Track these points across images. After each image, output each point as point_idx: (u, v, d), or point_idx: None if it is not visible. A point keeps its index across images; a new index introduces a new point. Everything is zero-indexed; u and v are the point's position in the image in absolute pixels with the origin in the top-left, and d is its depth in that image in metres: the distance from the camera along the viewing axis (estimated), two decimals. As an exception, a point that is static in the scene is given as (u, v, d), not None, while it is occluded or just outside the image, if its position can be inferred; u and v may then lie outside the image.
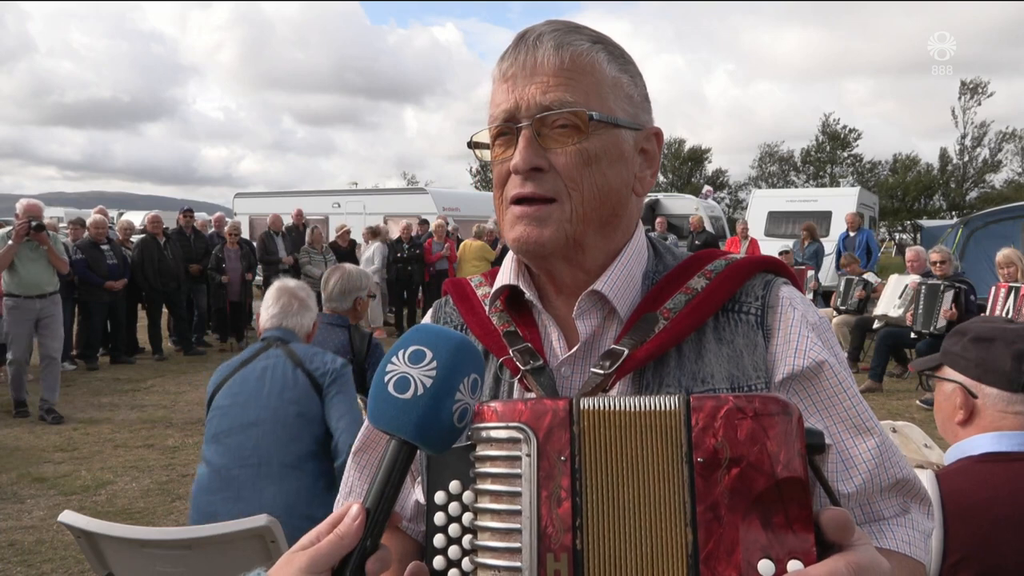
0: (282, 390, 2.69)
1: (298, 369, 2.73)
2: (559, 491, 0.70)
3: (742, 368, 0.94)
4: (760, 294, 0.98)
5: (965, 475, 1.64)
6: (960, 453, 1.71)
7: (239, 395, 2.71)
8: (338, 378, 2.74)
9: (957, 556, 1.53)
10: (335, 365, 2.78)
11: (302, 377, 2.71)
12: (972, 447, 1.69)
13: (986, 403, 1.70)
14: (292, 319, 2.96)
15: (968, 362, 1.74)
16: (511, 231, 0.96)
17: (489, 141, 0.99)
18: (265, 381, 2.71)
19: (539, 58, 0.94)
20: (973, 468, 1.65)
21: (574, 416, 0.72)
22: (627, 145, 0.97)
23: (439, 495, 0.79)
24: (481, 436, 0.74)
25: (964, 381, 1.74)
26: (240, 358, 2.86)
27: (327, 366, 2.76)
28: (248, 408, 2.67)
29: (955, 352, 1.78)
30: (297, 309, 2.99)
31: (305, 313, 3.02)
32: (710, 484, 0.67)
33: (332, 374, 2.73)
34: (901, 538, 0.95)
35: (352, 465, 1.17)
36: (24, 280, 6.84)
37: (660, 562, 0.68)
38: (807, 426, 0.70)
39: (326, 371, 2.73)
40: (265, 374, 2.73)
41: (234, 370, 2.80)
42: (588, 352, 0.99)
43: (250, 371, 2.77)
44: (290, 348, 2.82)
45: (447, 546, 0.78)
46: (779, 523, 0.66)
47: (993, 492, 1.58)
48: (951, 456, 1.75)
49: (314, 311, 3.08)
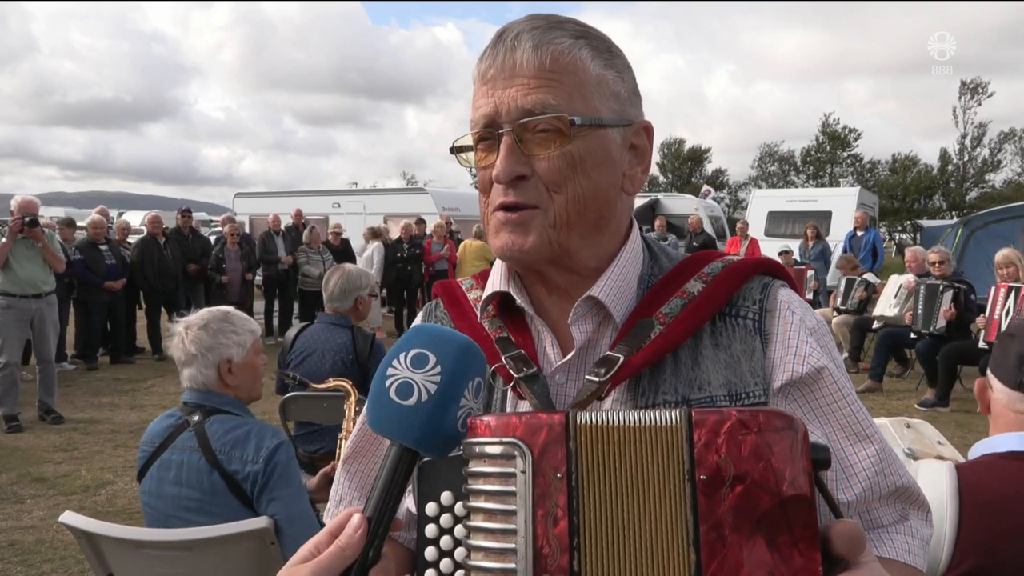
0: (200, 503, 2.20)
1: (214, 471, 2.18)
2: (555, 510, 0.67)
3: (740, 374, 0.92)
4: (758, 297, 0.96)
5: (986, 469, 1.65)
6: (985, 448, 1.72)
7: (160, 498, 2.25)
8: (267, 482, 2.17)
9: (968, 549, 1.52)
10: (257, 465, 2.17)
11: (220, 483, 2.18)
12: (998, 444, 1.69)
13: (995, 397, 1.74)
14: (206, 369, 2.31)
15: (993, 356, 1.79)
16: (495, 238, 0.94)
17: (472, 145, 0.96)
18: (181, 485, 2.21)
19: (518, 59, 0.90)
20: (996, 463, 1.66)
21: (570, 431, 0.69)
22: (614, 144, 0.94)
23: (430, 506, 0.77)
24: (474, 451, 0.71)
25: (989, 373, 1.79)
26: (159, 433, 2.32)
27: (247, 468, 2.17)
28: (171, 519, 2.23)
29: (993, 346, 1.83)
30: (211, 343, 2.31)
31: (228, 336, 2.35)
32: (713, 503, 0.65)
33: (254, 479, 2.17)
34: (900, 546, 0.94)
35: (342, 473, 1.15)
36: (19, 278, 6.71)
37: None
38: (812, 441, 0.67)
39: (246, 475, 2.17)
40: (180, 476, 2.22)
41: (153, 454, 2.29)
42: (583, 359, 0.97)
43: (166, 464, 2.25)
44: (206, 433, 2.22)
45: (439, 559, 0.75)
46: (784, 543, 0.64)
47: (1013, 489, 1.58)
48: (977, 451, 1.76)
49: (242, 329, 2.40)
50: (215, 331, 2.33)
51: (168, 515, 2.24)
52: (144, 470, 2.31)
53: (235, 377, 2.35)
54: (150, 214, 10.86)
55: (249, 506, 2.19)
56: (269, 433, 2.26)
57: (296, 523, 2.15)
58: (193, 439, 2.23)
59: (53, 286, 7.09)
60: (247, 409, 2.42)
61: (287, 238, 12.26)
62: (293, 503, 2.17)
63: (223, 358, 2.32)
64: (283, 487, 2.18)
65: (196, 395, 2.33)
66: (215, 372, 2.32)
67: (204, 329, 2.33)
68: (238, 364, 2.35)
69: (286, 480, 2.20)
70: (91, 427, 6.86)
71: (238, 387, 2.38)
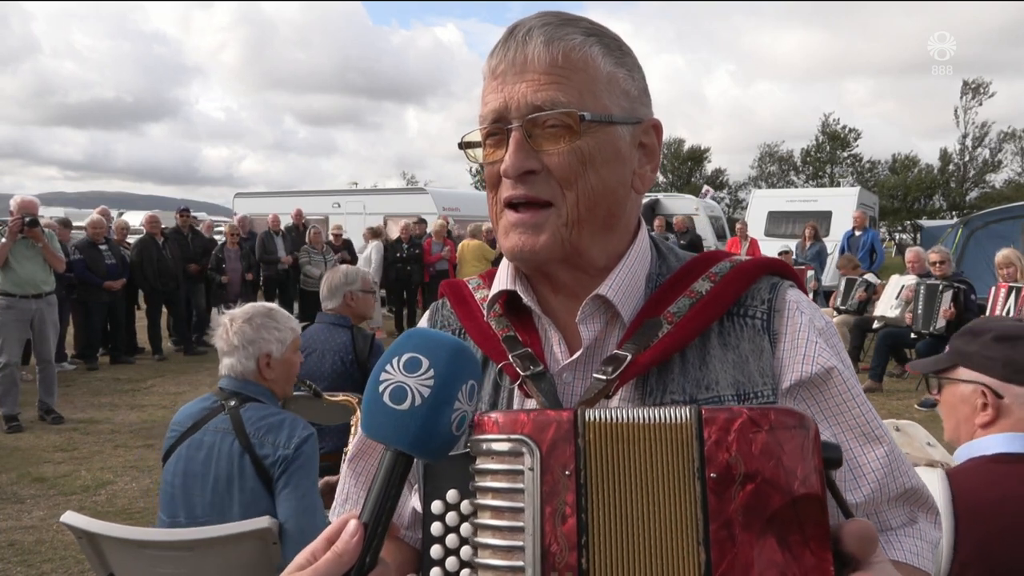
0: (228, 485, 2.26)
1: (245, 455, 2.25)
2: (563, 507, 0.66)
3: (748, 374, 0.91)
4: (766, 297, 0.95)
5: (977, 474, 1.63)
6: (972, 452, 1.70)
7: (185, 479, 2.31)
8: (290, 467, 2.24)
9: (967, 555, 1.51)
10: (288, 451, 2.25)
11: (249, 467, 2.24)
12: (985, 447, 1.67)
13: (1014, 403, 1.67)
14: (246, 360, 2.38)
15: (993, 361, 1.70)
16: (506, 240, 0.93)
17: (480, 140, 0.96)
18: (211, 466, 2.28)
19: (529, 54, 0.89)
20: (986, 468, 1.63)
21: (579, 428, 0.68)
22: (623, 142, 0.93)
23: (436, 504, 0.76)
24: (481, 448, 0.71)
25: (988, 381, 1.71)
26: (192, 415, 2.40)
27: (278, 452, 2.24)
28: (193, 499, 2.28)
29: (974, 352, 1.74)
30: (253, 336, 2.40)
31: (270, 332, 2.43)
32: (723, 501, 0.64)
33: (282, 463, 2.23)
34: (909, 549, 0.93)
35: (348, 472, 1.15)
36: (20, 278, 6.71)
37: None
38: (823, 440, 0.67)
39: (276, 459, 2.24)
40: (211, 457, 2.29)
41: (184, 434, 2.36)
42: (590, 357, 0.96)
43: (196, 444, 2.32)
44: (241, 418, 2.30)
45: (444, 557, 0.75)
46: (796, 542, 0.63)
47: (1005, 492, 1.56)
48: (961, 455, 1.73)
49: (284, 326, 2.49)
50: (258, 325, 2.42)
51: (192, 494, 2.28)
52: (171, 451, 2.36)
53: (272, 371, 2.44)
54: (148, 214, 10.86)
55: (270, 490, 2.25)
56: (301, 424, 2.33)
57: (305, 512, 2.20)
58: (228, 422, 2.31)
59: (53, 286, 7.08)
60: (278, 403, 2.48)
61: (287, 238, 12.27)
62: (308, 493, 2.24)
63: (263, 352, 2.41)
64: (303, 477, 2.24)
65: (233, 383, 2.40)
66: (254, 364, 2.41)
67: (248, 323, 2.42)
68: (277, 359, 2.44)
69: (306, 471, 2.26)
70: (91, 427, 6.85)
71: (274, 381, 2.46)
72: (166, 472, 2.36)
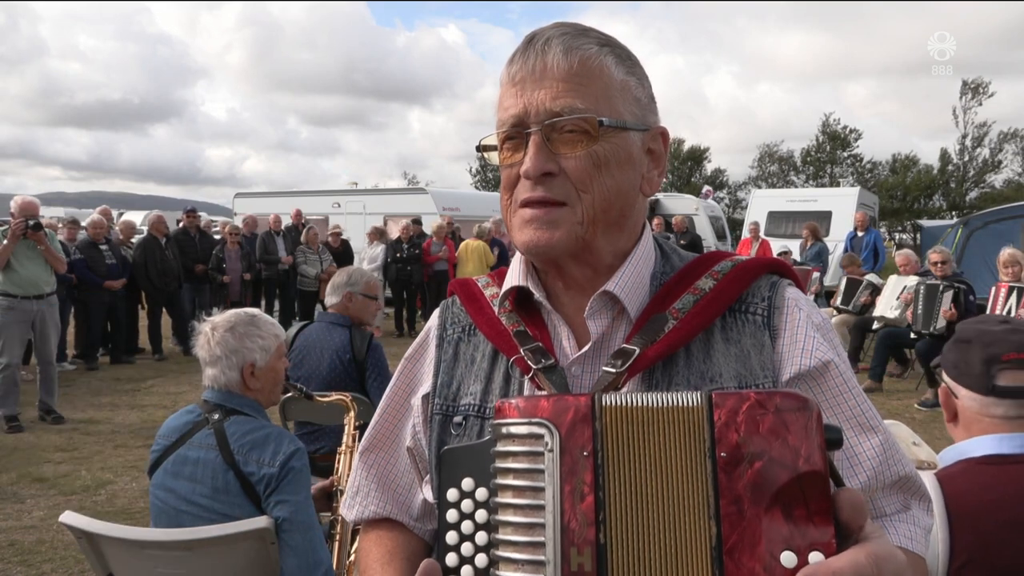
0: (212, 499, 2.19)
1: (231, 472, 2.18)
2: (582, 486, 0.70)
3: (749, 367, 0.95)
4: (766, 295, 1.00)
5: (967, 477, 1.63)
6: (959, 454, 1.71)
7: (172, 492, 2.25)
8: (279, 485, 2.16)
9: (963, 559, 1.52)
10: (273, 468, 2.17)
11: (234, 483, 2.18)
12: (972, 448, 1.68)
13: (964, 404, 1.72)
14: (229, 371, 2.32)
15: (948, 363, 1.77)
16: (521, 234, 0.97)
17: (497, 144, 1.00)
18: (196, 482, 2.22)
19: (548, 63, 0.94)
20: (975, 470, 1.64)
21: (596, 412, 0.72)
22: (635, 147, 0.98)
23: (451, 492, 0.79)
24: (502, 432, 0.74)
25: (948, 381, 1.76)
26: (176, 428, 2.33)
27: (263, 470, 2.17)
28: (181, 516, 2.23)
29: (944, 353, 1.80)
30: (236, 346, 2.32)
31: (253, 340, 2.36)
32: (733, 478, 0.68)
33: (268, 481, 2.16)
34: (904, 534, 0.97)
35: (360, 464, 1.17)
36: (21, 279, 6.70)
37: (684, 554, 0.69)
38: (825, 422, 0.71)
39: (261, 477, 2.16)
40: (196, 472, 2.22)
41: (168, 448, 2.30)
42: (598, 351, 1.00)
43: (181, 460, 2.26)
44: (225, 432, 2.24)
45: (460, 543, 0.78)
46: (800, 516, 0.67)
47: (997, 495, 1.57)
48: (948, 457, 1.75)
49: (267, 333, 2.41)
50: (241, 335, 2.35)
51: (179, 510, 2.24)
52: (157, 464, 2.31)
53: (257, 381, 2.37)
54: (153, 214, 10.86)
55: (259, 507, 2.19)
56: (287, 439, 2.26)
57: (298, 529, 2.14)
58: (212, 437, 2.24)
59: (54, 287, 7.08)
60: (265, 413, 2.42)
61: (287, 238, 12.28)
62: (299, 509, 2.17)
63: (247, 361, 2.34)
64: (292, 492, 2.18)
65: (217, 395, 2.34)
66: (238, 374, 2.34)
67: (231, 331, 2.35)
68: (261, 368, 2.37)
69: (296, 486, 2.19)
70: (91, 427, 6.86)
71: (259, 391, 2.39)
72: (153, 487, 2.32)
